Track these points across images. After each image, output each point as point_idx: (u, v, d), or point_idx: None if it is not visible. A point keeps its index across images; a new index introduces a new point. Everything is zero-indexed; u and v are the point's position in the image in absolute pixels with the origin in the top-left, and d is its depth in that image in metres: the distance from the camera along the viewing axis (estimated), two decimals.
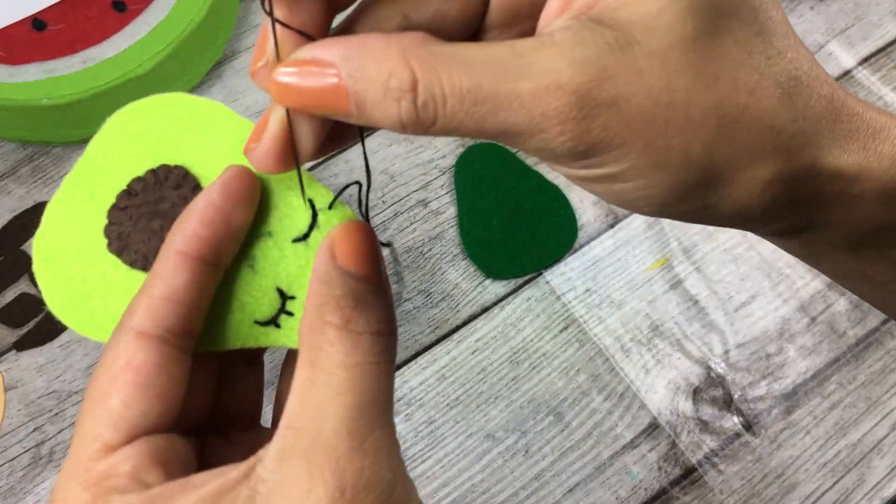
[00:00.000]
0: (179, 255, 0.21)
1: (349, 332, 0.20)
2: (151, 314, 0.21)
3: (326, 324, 0.20)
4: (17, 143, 0.54)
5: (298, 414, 0.19)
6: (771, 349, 0.49)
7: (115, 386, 0.20)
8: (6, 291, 0.49)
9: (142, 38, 0.51)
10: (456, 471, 0.46)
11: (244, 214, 0.22)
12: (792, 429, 0.47)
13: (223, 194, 0.22)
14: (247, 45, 0.57)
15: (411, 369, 0.48)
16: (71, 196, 0.25)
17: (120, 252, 0.24)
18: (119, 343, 0.21)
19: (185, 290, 0.21)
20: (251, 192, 0.22)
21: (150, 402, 0.21)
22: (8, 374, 0.47)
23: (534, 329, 0.49)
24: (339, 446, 0.19)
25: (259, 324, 0.24)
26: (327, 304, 0.20)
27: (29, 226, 0.51)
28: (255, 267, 0.23)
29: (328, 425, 0.19)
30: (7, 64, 0.50)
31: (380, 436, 0.19)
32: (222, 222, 0.22)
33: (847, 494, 0.45)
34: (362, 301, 0.20)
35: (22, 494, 0.44)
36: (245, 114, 0.54)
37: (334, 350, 0.20)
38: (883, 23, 0.59)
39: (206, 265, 0.22)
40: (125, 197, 0.24)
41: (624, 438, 0.46)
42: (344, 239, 0.21)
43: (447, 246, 0.51)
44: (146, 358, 0.21)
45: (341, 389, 0.19)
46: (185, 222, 0.22)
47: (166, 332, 0.21)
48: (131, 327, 0.21)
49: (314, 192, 0.23)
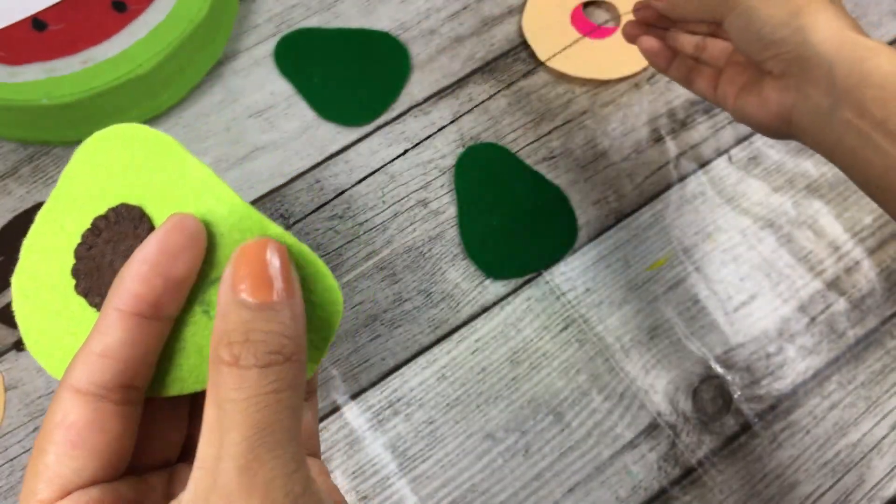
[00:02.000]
0: (116, 311, 0.21)
1: (238, 367, 0.20)
2: (87, 370, 0.21)
3: (220, 361, 0.20)
4: (17, 143, 0.54)
5: (203, 454, 0.20)
6: (771, 349, 0.49)
7: (50, 443, 0.21)
8: (6, 292, 0.49)
9: (142, 39, 0.51)
10: (456, 471, 0.46)
11: (186, 266, 0.22)
12: (792, 429, 0.47)
13: (160, 250, 0.21)
14: (246, 46, 0.57)
15: (411, 369, 0.48)
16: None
17: (86, 294, 0.24)
18: (57, 399, 0.21)
19: (120, 347, 0.21)
20: (194, 242, 0.22)
21: (84, 459, 0.21)
22: (8, 374, 0.47)
23: (534, 329, 0.49)
24: (230, 484, 0.19)
25: None
26: (220, 341, 0.20)
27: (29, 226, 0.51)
28: (210, 312, 0.23)
29: (222, 464, 0.19)
30: (7, 64, 0.50)
31: (274, 465, 0.19)
32: (159, 278, 0.21)
33: (847, 494, 0.45)
34: (251, 333, 0.20)
35: None
36: (245, 113, 0.55)
37: (225, 386, 0.20)
38: (882, 23, 0.59)
39: (145, 320, 0.21)
40: (90, 235, 0.24)
41: (624, 438, 0.46)
42: (236, 263, 0.21)
43: (447, 246, 0.51)
44: (80, 415, 0.21)
45: (230, 426, 0.19)
46: (120, 279, 0.21)
47: (101, 389, 0.21)
48: (68, 384, 0.21)
49: (270, 232, 0.23)
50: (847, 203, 0.53)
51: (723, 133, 0.55)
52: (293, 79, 0.56)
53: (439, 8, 0.58)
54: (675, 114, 0.55)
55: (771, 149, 0.54)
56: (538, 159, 0.53)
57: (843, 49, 0.32)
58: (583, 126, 0.55)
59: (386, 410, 0.47)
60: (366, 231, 0.51)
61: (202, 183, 0.23)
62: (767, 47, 0.34)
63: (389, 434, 0.46)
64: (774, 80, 0.35)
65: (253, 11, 0.58)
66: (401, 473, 0.45)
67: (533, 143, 0.54)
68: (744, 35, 0.35)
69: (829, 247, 0.51)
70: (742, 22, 0.35)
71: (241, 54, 0.57)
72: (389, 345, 0.48)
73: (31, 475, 0.21)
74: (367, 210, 0.52)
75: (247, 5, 0.59)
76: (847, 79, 0.32)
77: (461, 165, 0.52)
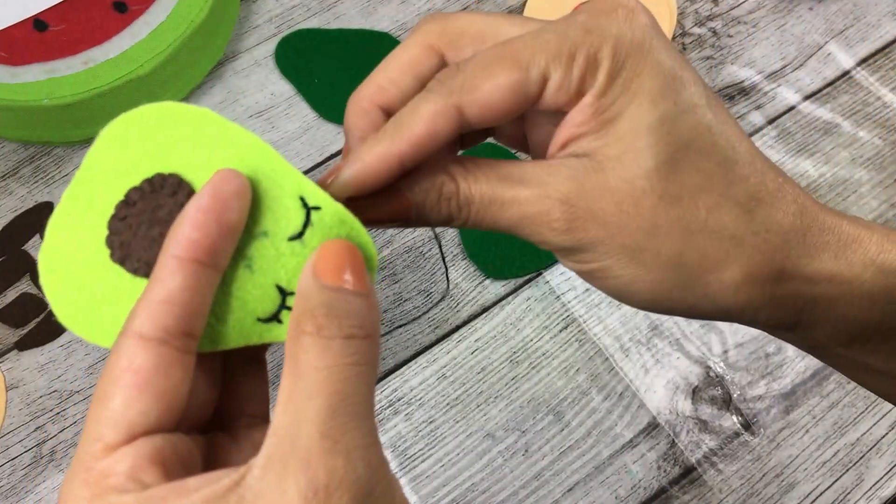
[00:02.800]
0: (175, 259, 0.22)
1: (321, 337, 0.21)
2: (151, 317, 0.22)
3: (302, 332, 0.21)
4: (18, 144, 0.54)
5: (280, 422, 0.20)
6: (770, 349, 0.49)
7: (116, 388, 0.21)
8: (8, 291, 0.49)
9: (143, 39, 0.51)
10: (456, 470, 0.46)
11: (236, 215, 0.23)
12: (791, 428, 0.47)
13: (213, 197, 0.23)
14: (247, 46, 0.57)
15: (411, 369, 0.48)
16: (71, 209, 0.26)
17: (123, 261, 0.25)
18: (121, 346, 0.22)
19: (181, 293, 0.22)
20: (241, 193, 0.23)
21: (150, 402, 0.21)
22: (9, 373, 0.47)
23: (533, 329, 0.49)
24: (312, 448, 0.19)
25: (261, 321, 0.25)
26: (303, 315, 0.21)
27: (31, 226, 0.51)
28: (252, 266, 0.24)
29: (303, 429, 0.20)
30: (8, 64, 0.51)
31: (354, 436, 0.20)
32: (214, 224, 0.22)
33: (846, 494, 0.45)
34: (334, 309, 0.21)
35: (23, 494, 0.44)
36: (245, 114, 0.55)
37: (308, 356, 0.21)
38: (882, 23, 0.59)
39: (202, 267, 0.22)
40: (123, 207, 0.25)
41: (623, 438, 0.46)
42: (324, 256, 0.23)
43: (447, 246, 0.51)
44: (145, 360, 0.21)
45: (313, 393, 0.20)
46: (178, 227, 0.23)
47: (165, 335, 0.22)
48: (132, 331, 0.22)
49: (306, 191, 0.24)
50: (846, 203, 0.53)
51: None
52: (294, 79, 0.56)
53: (439, 9, 0.58)
54: None
55: (770, 149, 0.54)
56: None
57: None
58: None
59: (386, 410, 0.47)
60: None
61: (243, 143, 0.25)
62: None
63: (390, 433, 0.47)
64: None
65: (253, 12, 0.59)
66: (401, 472, 0.46)
67: None
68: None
69: None
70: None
71: (241, 55, 0.57)
72: (389, 344, 0.48)
73: (94, 421, 0.21)
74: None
75: (247, 6, 0.59)
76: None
77: None
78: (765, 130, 0.55)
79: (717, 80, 0.56)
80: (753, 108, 0.56)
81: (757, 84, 0.56)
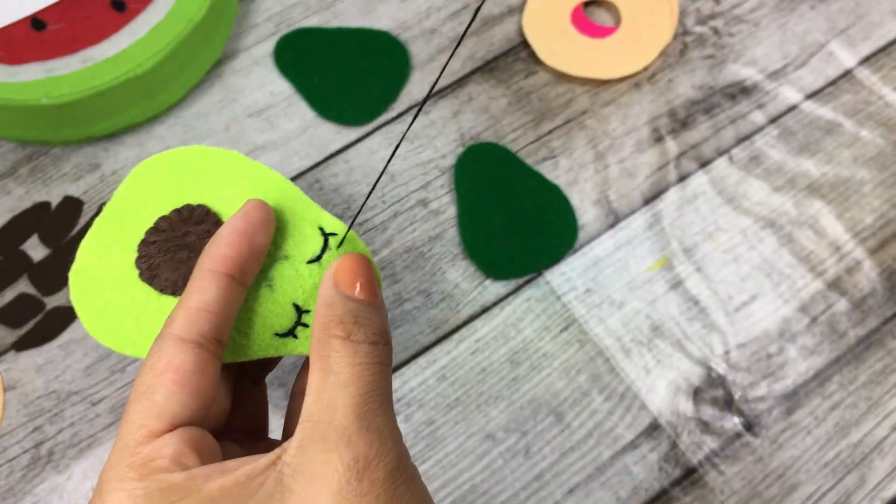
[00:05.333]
0: (210, 272, 0.25)
1: (351, 341, 0.24)
2: (188, 322, 0.25)
3: (332, 336, 0.24)
4: (16, 143, 0.54)
5: (314, 408, 0.23)
6: (772, 349, 0.49)
7: (159, 382, 0.24)
8: (5, 291, 0.49)
9: (141, 38, 0.51)
10: (456, 471, 0.45)
11: (264, 237, 0.26)
12: (793, 429, 0.47)
13: (245, 221, 0.26)
14: (246, 45, 0.57)
15: (411, 370, 0.48)
16: (102, 234, 0.29)
17: (150, 280, 0.27)
18: (161, 347, 0.24)
19: (216, 302, 0.25)
20: (269, 219, 0.26)
21: (188, 397, 0.24)
22: (7, 374, 0.47)
23: (534, 329, 0.49)
24: (350, 426, 0.22)
25: (279, 336, 0.27)
26: (332, 321, 0.24)
27: (28, 226, 0.51)
28: (273, 286, 0.27)
29: (339, 412, 0.22)
30: (6, 63, 0.50)
31: (383, 420, 0.23)
32: (246, 244, 0.26)
33: (848, 495, 0.45)
34: (359, 318, 0.24)
35: (21, 495, 0.44)
36: (244, 113, 0.54)
37: (340, 355, 0.24)
38: (884, 22, 0.58)
39: (233, 281, 0.25)
40: (153, 233, 0.28)
41: (624, 439, 0.46)
42: (343, 269, 0.26)
43: (447, 246, 0.51)
44: (184, 359, 0.24)
45: (348, 383, 0.23)
46: (214, 245, 0.26)
47: (201, 338, 0.25)
48: (172, 333, 0.24)
49: (324, 221, 0.27)
50: (848, 203, 0.53)
51: (724, 133, 0.54)
52: (293, 78, 0.56)
53: (439, 7, 0.58)
54: (675, 113, 0.55)
55: (772, 149, 0.54)
56: (538, 159, 0.53)
57: None
58: (583, 126, 0.54)
59: None
60: (365, 231, 0.51)
61: (267, 179, 0.28)
62: None
63: None
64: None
65: (252, 11, 0.58)
66: None
67: (533, 142, 0.54)
68: None
69: (830, 247, 0.51)
70: None
71: (240, 54, 0.57)
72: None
73: (138, 412, 0.24)
74: (367, 210, 0.51)
75: (246, 5, 0.58)
76: None
77: (461, 165, 0.52)
78: (766, 129, 0.55)
79: (718, 79, 0.56)
80: (755, 108, 0.55)
81: (758, 83, 0.56)
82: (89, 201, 0.52)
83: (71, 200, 0.52)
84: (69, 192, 0.52)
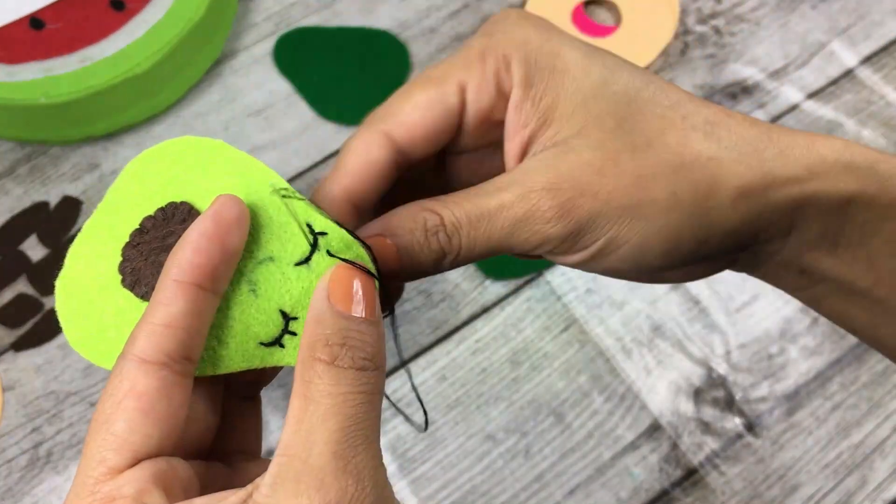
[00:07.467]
0: (177, 283, 0.22)
1: (335, 367, 0.22)
2: (152, 341, 0.22)
3: (316, 360, 0.22)
4: (14, 143, 0.54)
5: (290, 442, 0.21)
6: (773, 350, 0.48)
7: (119, 411, 0.21)
8: (4, 292, 0.49)
9: (140, 37, 0.51)
10: (456, 472, 0.45)
11: (236, 239, 0.23)
12: (794, 430, 0.47)
13: (214, 222, 0.23)
14: (245, 44, 0.57)
15: (411, 370, 0.48)
16: (90, 238, 0.27)
17: (132, 287, 0.25)
18: (122, 370, 0.22)
19: (183, 316, 0.22)
20: (242, 217, 0.24)
21: (152, 426, 0.21)
22: (6, 374, 0.47)
23: (534, 330, 0.48)
24: (325, 467, 0.20)
25: (263, 345, 0.25)
26: (318, 342, 0.22)
27: (27, 226, 0.51)
28: (256, 291, 0.24)
29: (315, 449, 0.20)
30: (5, 63, 0.50)
31: (363, 458, 0.21)
32: (216, 248, 0.23)
33: (849, 496, 0.45)
34: (348, 339, 0.22)
35: (20, 496, 0.44)
36: (244, 113, 0.54)
37: (322, 382, 0.21)
38: (885, 21, 0.58)
39: (203, 291, 0.23)
40: (137, 235, 0.26)
41: (625, 439, 0.46)
42: (338, 280, 0.23)
43: None
44: (148, 384, 0.22)
45: (327, 416, 0.21)
46: (180, 251, 0.23)
47: (166, 358, 0.22)
48: (133, 354, 0.22)
49: (313, 218, 0.25)
50: None
51: None
52: (292, 78, 0.56)
53: (439, 7, 0.58)
54: None
55: None
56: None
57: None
58: None
59: (386, 412, 0.47)
60: None
61: (251, 172, 0.25)
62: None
63: (390, 435, 0.46)
64: None
65: (252, 10, 0.58)
66: (401, 475, 0.45)
67: None
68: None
69: None
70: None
71: (239, 53, 0.57)
72: (389, 345, 0.48)
73: (97, 444, 0.21)
74: None
75: (245, 4, 0.58)
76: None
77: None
78: None
79: (719, 78, 0.56)
80: (756, 107, 0.55)
81: (760, 82, 0.56)
82: (88, 201, 0.52)
83: (70, 200, 0.52)
84: (68, 192, 0.52)
